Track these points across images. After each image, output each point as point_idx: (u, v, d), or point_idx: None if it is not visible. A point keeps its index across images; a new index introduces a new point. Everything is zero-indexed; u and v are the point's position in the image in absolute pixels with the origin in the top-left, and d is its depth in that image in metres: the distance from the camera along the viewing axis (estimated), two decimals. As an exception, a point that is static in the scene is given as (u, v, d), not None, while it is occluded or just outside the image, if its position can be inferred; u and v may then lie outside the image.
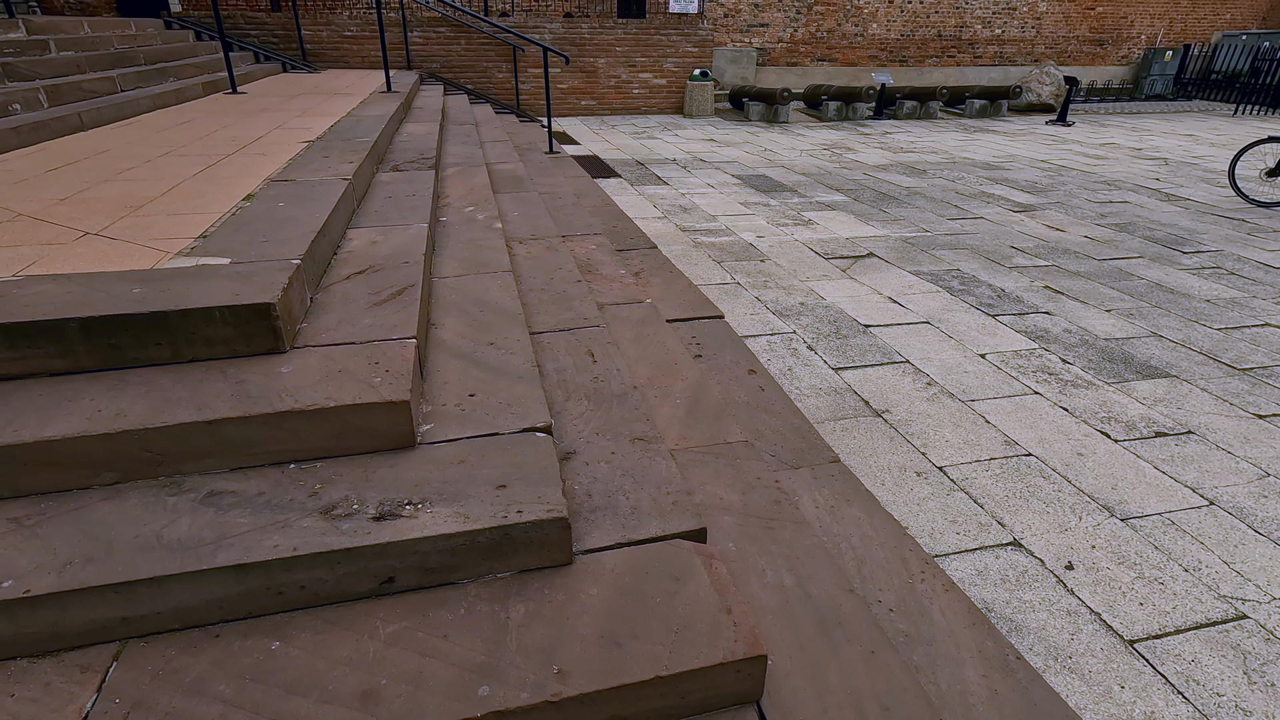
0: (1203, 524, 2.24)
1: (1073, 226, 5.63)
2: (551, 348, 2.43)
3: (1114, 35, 14.62)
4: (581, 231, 4.11)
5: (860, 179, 7.18)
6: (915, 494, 2.35)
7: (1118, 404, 2.96)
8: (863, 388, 3.04)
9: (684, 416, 2.30)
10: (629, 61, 11.18)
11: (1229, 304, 4.09)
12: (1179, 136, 10.35)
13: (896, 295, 4.10)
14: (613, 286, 3.31)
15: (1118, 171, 7.80)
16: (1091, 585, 1.98)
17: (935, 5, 13.36)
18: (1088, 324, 3.77)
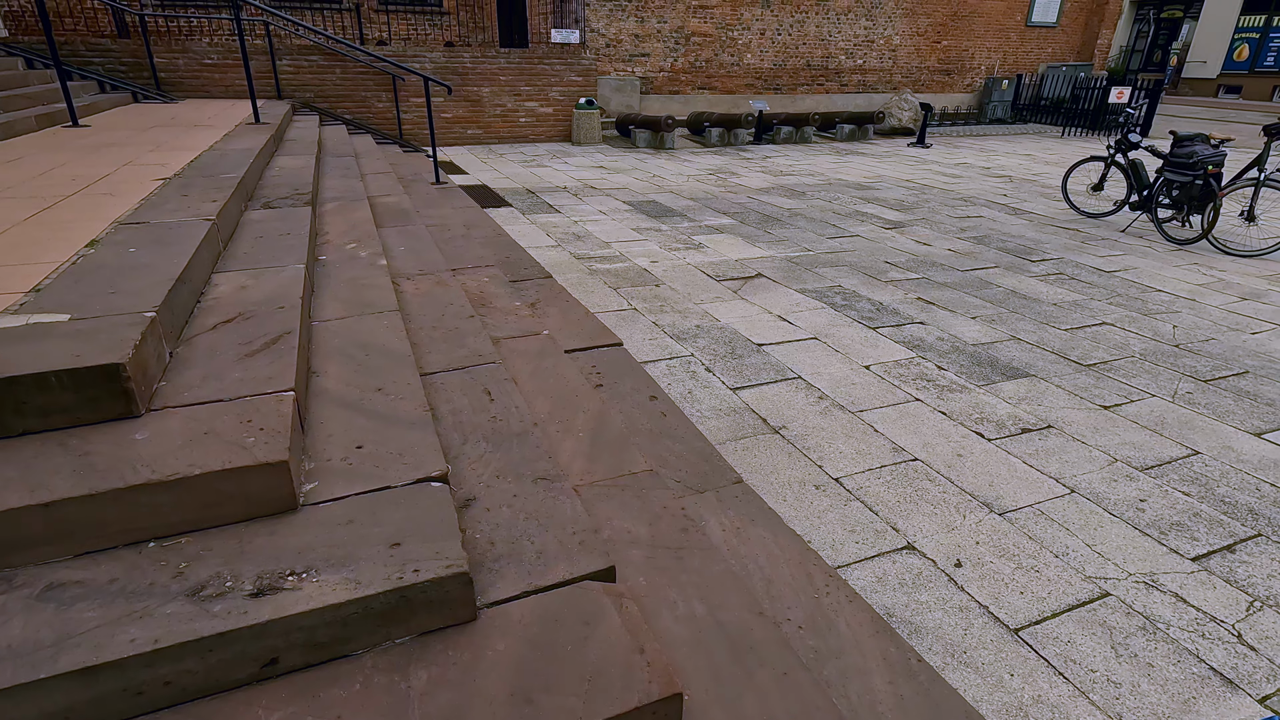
0: (1067, 511, 2.45)
1: (938, 241, 6.11)
2: (445, 389, 2.33)
3: (959, 66, 16.14)
4: (473, 264, 4.02)
5: (745, 202, 7.48)
6: (815, 507, 2.43)
7: (988, 405, 3.21)
8: (760, 406, 3.13)
9: (587, 450, 2.27)
10: (514, 90, 11.17)
11: (1072, 306, 4.56)
12: (1019, 156, 11.52)
13: (785, 313, 4.27)
14: (508, 320, 3.25)
15: (971, 189, 8.57)
16: (978, 580, 2.12)
17: (803, 38, 14.26)
18: (957, 331, 4.07)
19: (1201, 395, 3.36)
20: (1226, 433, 3.03)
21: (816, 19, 14.21)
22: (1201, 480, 2.67)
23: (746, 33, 13.67)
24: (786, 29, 14.01)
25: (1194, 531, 2.37)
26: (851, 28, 14.64)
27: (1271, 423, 3.12)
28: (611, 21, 12.36)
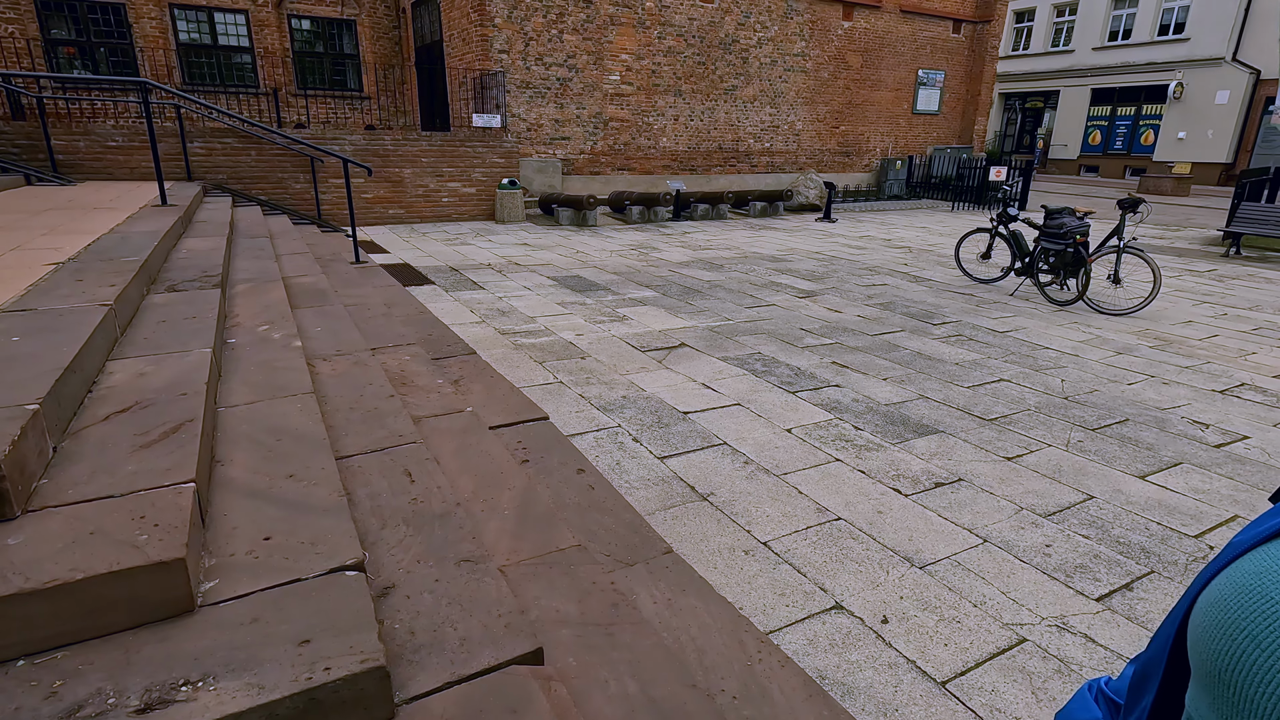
0: (981, 560, 2.56)
1: (848, 308, 6.47)
2: (363, 472, 2.25)
3: (856, 148, 17.54)
4: (394, 342, 3.95)
5: (667, 275, 7.73)
6: (745, 572, 2.44)
7: (903, 462, 3.35)
8: (688, 473, 3.15)
9: (514, 528, 2.22)
10: (436, 171, 11.32)
11: (972, 365, 4.88)
12: (916, 228, 12.47)
13: (709, 381, 4.38)
14: (430, 398, 3.19)
15: (875, 259, 9.17)
16: (904, 635, 2.16)
17: (714, 123, 15.21)
18: (870, 392, 4.27)
19: (1091, 443, 3.63)
20: (1115, 477, 3.26)
21: (726, 106, 15.23)
22: (1098, 523, 2.85)
23: (661, 118, 14.47)
24: (698, 115, 14.93)
25: (1096, 573, 2.51)
26: (758, 114, 15.75)
27: (1152, 465, 3.39)
28: (532, 108, 12.85)
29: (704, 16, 14.35)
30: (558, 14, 12.70)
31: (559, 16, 12.72)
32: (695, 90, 14.71)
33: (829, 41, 16.18)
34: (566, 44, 12.94)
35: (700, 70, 14.64)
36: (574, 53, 13.06)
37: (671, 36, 14.08)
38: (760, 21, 15.08)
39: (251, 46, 14.53)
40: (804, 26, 15.72)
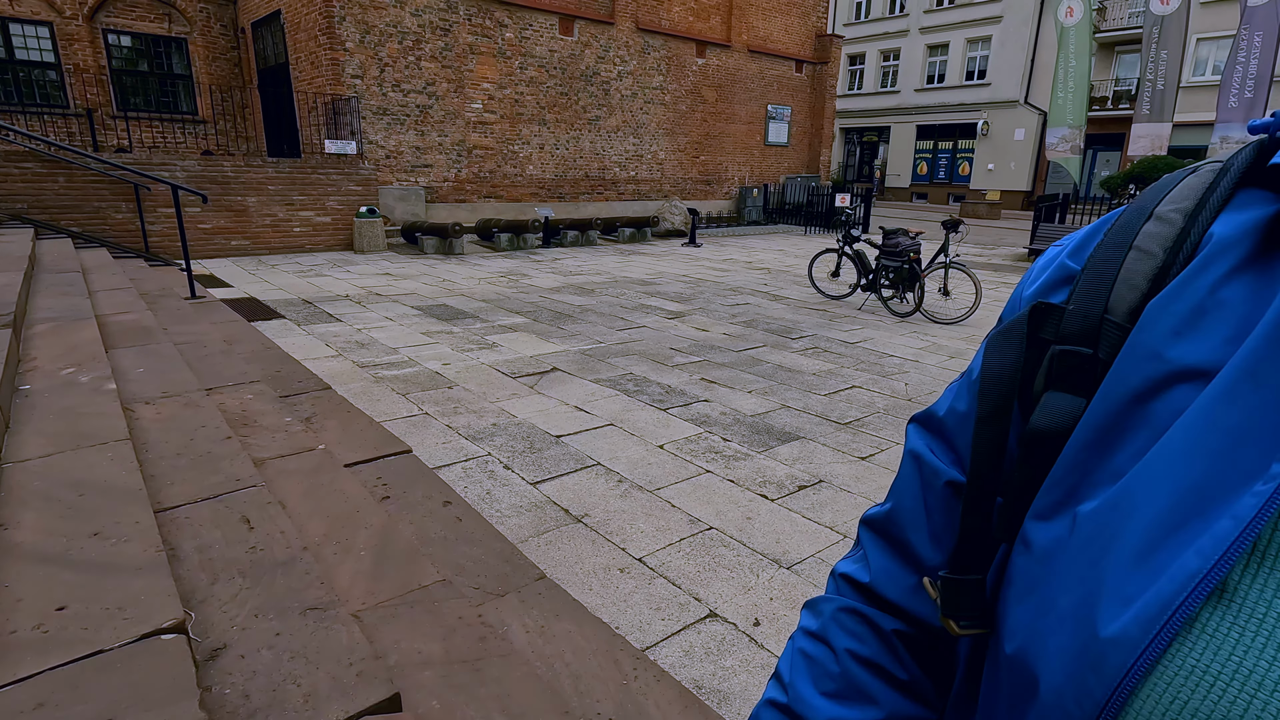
0: (843, 555, 2.70)
1: (714, 326, 6.71)
2: (192, 523, 2.01)
3: (716, 177, 18.46)
4: (234, 381, 3.61)
5: (538, 301, 7.67)
6: (621, 590, 2.42)
7: (769, 468, 3.49)
8: (561, 497, 3.10)
9: (370, 569, 2.07)
10: (286, 200, 10.60)
11: (827, 374, 5.21)
12: (774, 251, 13.25)
13: (582, 403, 4.36)
14: (276, 438, 2.93)
15: (738, 280, 9.62)
16: (776, 635, 2.22)
17: (579, 152, 15.43)
18: (737, 405, 4.44)
19: (931, 439, 3.96)
20: (953, 468, 3.58)
21: (590, 135, 15.51)
22: (940, 511, 3.10)
23: (526, 147, 14.48)
24: (564, 144, 15.09)
25: (940, 556, 2.72)
26: (622, 144, 16.18)
27: (983, 455, 3.76)
28: (390, 134, 12.42)
29: (564, 49, 14.61)
30: (414, 41, 12.43)
31: (416, 43, 12.45)
32: (559, 119, 14.88)
33: (685, 76, 16.99)
34: (425, 71, 12.67)
35: (563, 100, 14.84)
36: (433, 80, 12.81)
37: (533, 67, 14.19)
38: (619, 56, 15.58)
39: (58, 62, 13.01)
40: (661, 62, 16.41)
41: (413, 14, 12.33)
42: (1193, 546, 0.27)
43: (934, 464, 0.46)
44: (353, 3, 11.56)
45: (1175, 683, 0.26)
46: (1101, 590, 0.29)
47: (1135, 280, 0.35)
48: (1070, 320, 0.36)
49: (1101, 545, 0.30)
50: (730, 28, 17.60)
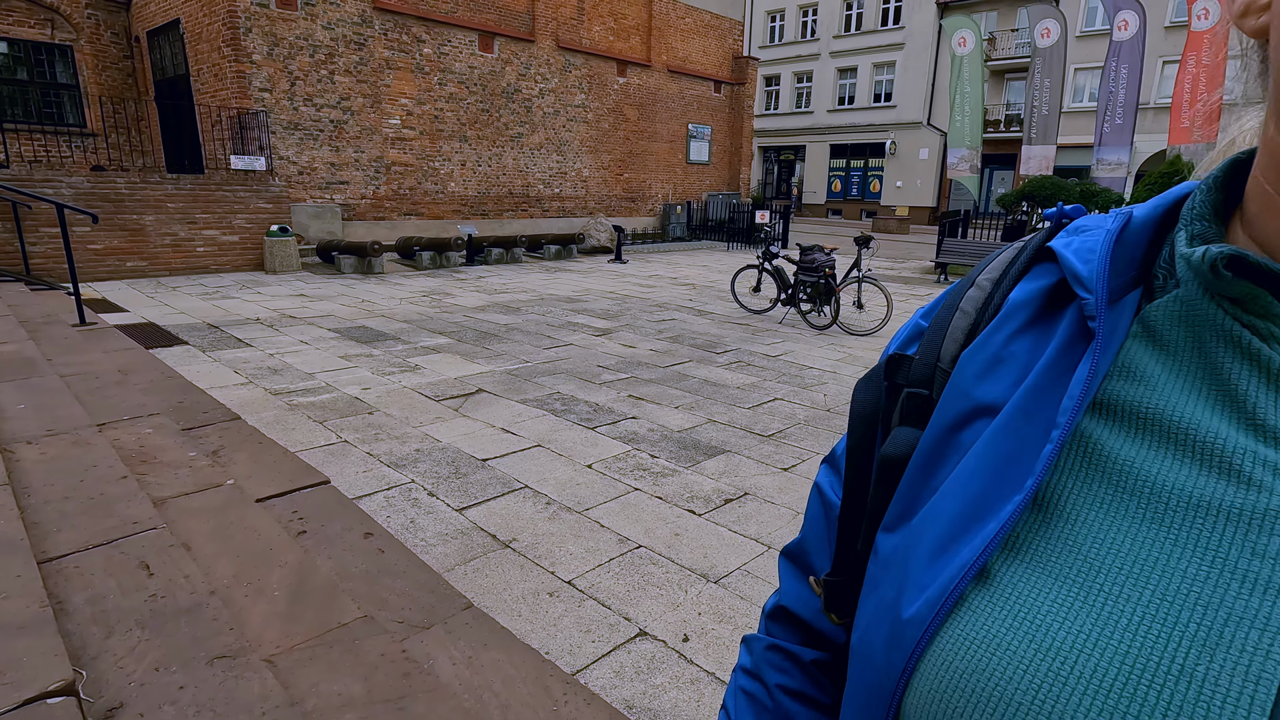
0: (768, 566, 2.77)
1: (641, 343, 6.78)
2: (82, 572, 1.88)
3: (640, 194, 18.70)
4: (130, 415, 3.38)
5: (462, 321, 7.54)
6: (550, 615, 2.41)
7: (696, 483, 3.55)
8: (488, 522, 3.05)
9: (285, 609, 1.98)
10: (188, 218, 10.03)
11: (751, 388, 5.35)
12: (698, 267, 13.52)
13: (509, 425, 4.31)
14: (179, 475, 2.76)
15: (664, 296, 9.76)
16: (705, 650, 2.26)
17: (502, 169, 15.31)
18: (664, 421, 4.49)
19: (849, 448, 4.13)
20: (869, 475, 3.74)
21: (513, 153, 15.43)
22: (858, 517, 3.24)
23: (448, 163, 14.25)
24: (486, 161, 14.95)
25: (859, 561, 2.84)
26: (545, 161, 16.17)
27: (897, 461, 3.94)
28: (303, 150, 11.97)
29: (485, 66, 14.51)
30: (327, 54, 12.06)
31: (329, 57, 12.09)
32: (481, 136, 14.74)
33: (607, 95, 17.18)
34: (339, 85, 12.30)
35: (485, 117, 14.71)
36: (348, 95, 12.45)
37: (453, 83, 14.02)
38: (541, 73, 15.60)
39: (-78, 69, 11.89)
40: (583, 80, 16.54)
41: (324, 27, 11.97)
42: (969, 544, 0.34)
43: (830, 497, 0.52)
44: (260, 14, 11.12)
45: (946, 649, 0.33)
46: (907, 583, 0.36)
47: (957, 335, 0.42)
48: (915, 368, 0.43)
49: (913, 549, 0.37)
50: (650, 48, 17.95)
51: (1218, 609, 0.28)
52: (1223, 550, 0.28)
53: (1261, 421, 0.30)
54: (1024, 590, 0.32)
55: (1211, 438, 0.30)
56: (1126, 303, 0.36)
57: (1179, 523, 0.30)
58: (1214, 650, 0.27)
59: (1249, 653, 0.26)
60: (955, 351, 0.42)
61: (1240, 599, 0.27)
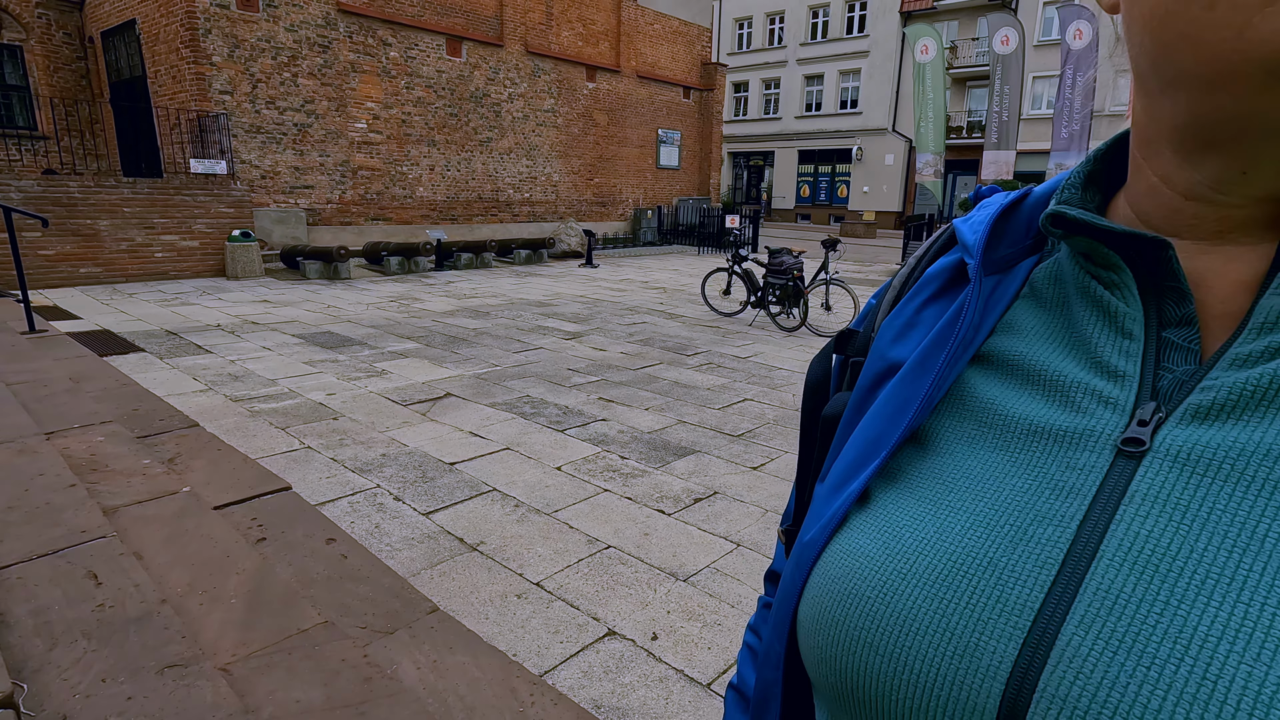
0: (736, 564, 2.78)
1: (611, 346, 6.77)
2: (25, 583, 1.81)
3: (611, 199, 18.71)
4: (81, 423, 3.27)
5: (430, 325, 7.46)
6: (518, 616, 2.38)
7: (665, 483, 3.55)
8: (456, 526, 3.01)
9: (242, 617, 1.93)
10: (145, 223, 9.76)
11: (721, 389, 5.37)
12: (669, 271, 13.56)
13: (477, 429, 4.27)
14: (132, 482, 2.68)
15: (635, 300, 9.77)
16: (673, 648, 2.25)
17: (472, 174, 15.20)
18: (634, 423, 4.49)
19: (818, 446, 4.17)
20: (837, 472, 3.78)
21: (483, 157, 15.33)
22: (826, 514, 3.27)
23: (416, 168, 14.11)
24: (455, 165, 14.82)
25: (827, 557, 2.86)
26: (515, 165, 16.10)
27: (864, 459, 3.99)
28: (265, 154, 11.74)
29: (453, 70, 14.41)
30: (290, 57, 11.86)
31: (292, 59, 11.89)
32: (450, 141, 14.62)
33: (577, 100, 17.18)
34: (303, 88, 12.10)
35: (453, 121, 14.60)
36: (312, 98, 12.26)
37: (420, 87, 13.90)
38: (509, 78, 15.54)
39: None
40: (552, 85, 16.52)
41: (287, 29, 11.78)
42: (859, 478, 0.39)
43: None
44: (220, 15, 10.90)
45: (825, 561, 0.38)
46: (814, 515, 0.41)
47: (886, 308, 0.48)
48: (857, 339, 0.48)
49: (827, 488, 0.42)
50: (619, 54, 18.00)
51: (1029, 512, 0.32)
52: (1045, 465, 0.33)
53: (1099, 359, 0.34)
54: (891, 509, 0.37)
55: (1058, 375, 0.35)
56: (1021, 268, 0.40)
57: (1019, 447, 0.34)
58: (1017, 544, 0.31)
59: (1044, 544, 0.31)
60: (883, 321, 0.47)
61: (1048, 503, 0.32)
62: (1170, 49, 0.28)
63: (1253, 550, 0.26)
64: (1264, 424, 0.28)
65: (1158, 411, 0.31)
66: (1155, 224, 0.34)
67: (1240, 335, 0.30)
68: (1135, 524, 0.29)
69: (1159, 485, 0.29)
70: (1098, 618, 0.28)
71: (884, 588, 0.34)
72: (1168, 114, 0.31)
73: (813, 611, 0.37)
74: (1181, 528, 0.28)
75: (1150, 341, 0.33)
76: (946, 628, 0.31)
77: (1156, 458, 0.30)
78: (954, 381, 0.38)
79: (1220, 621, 0.26)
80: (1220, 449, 0.29)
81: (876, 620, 0.33)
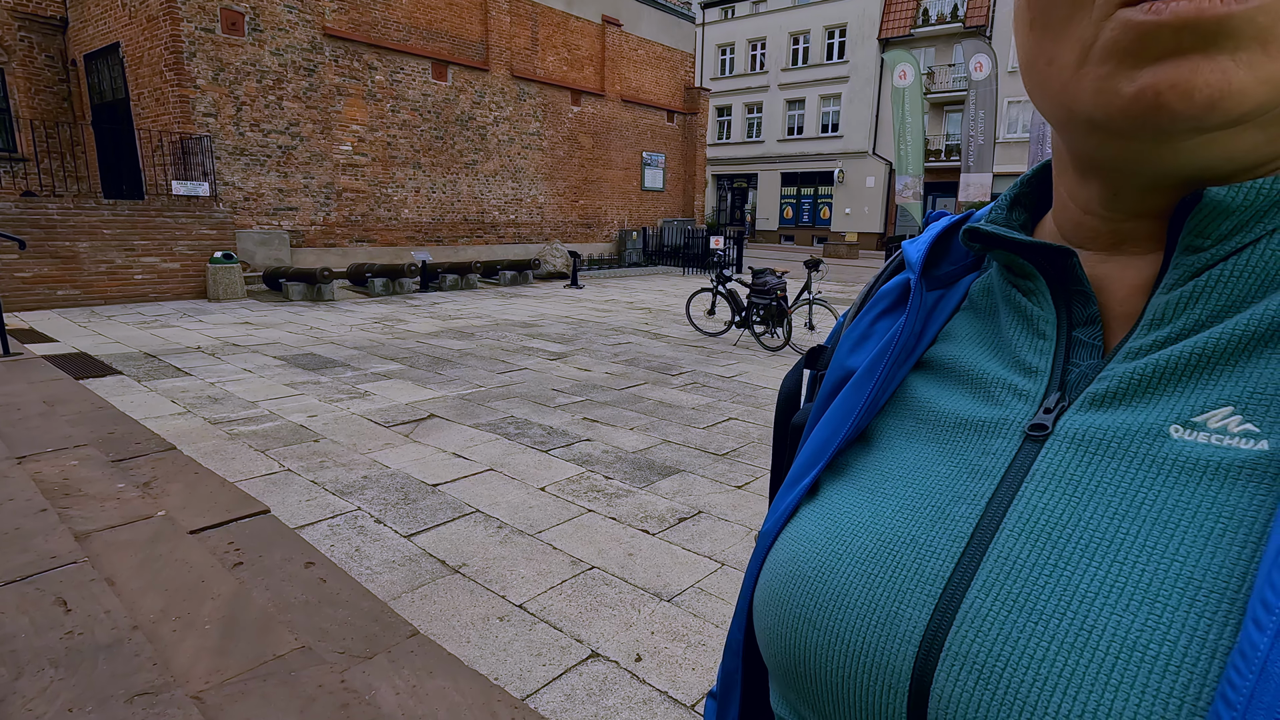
0: (720, 584, 2.77)
1: (596, 366, 6.77)
2: (-9, 611, 1.76)
3: (596, 220, 18.83)
4: (54, 447, 3.22)
5: (414, 346, 7.42)
6: (500, 639, 2.35)
7: (650, 503, 3.54)
8: (438, 548, 2.98)
9: (216, 643, 1.89)
10: (125, 245, 9.68)
11: (706, 408, 5.38)
12: (654, 291, 13.63)
13: (461, 450, 4.24)
14: (105, 507, 2.63)
15: (620, 320, 9.80)
16: (657, 669, 2.23)
17: (457, 195, 15.25)
18: (619, 443, 4.48)
19: (802, 464, 4.18)
20: (821, 490, 3.78)
21: (468, 179, 15.40)
22: (811, 532, 3.27)
23: (401, 190, 14.14)
24: (440, 187, 14.87)
25: (811, 575, 2.86)
26: (500, 188, 16.18)
27: (847, 477, 4.01)
28: (249, 176, 11.72)
29: (438, 94, 14.52)
30: (275, 80, 11.90)
31: (277, 83, 11.93)
32: (435, 163, 14.68)
33: (562, 123, 17.35)
34: (288, 111, 12.13)
35: (439, 144, 14.68)
36: (297, 120, 12.28)
37: (406, 110, 13.97)
38: (495, 102, 15.68)
39: None
40: (537, 108, 16.68)
41: (273, 53, 11.83)
42: (811, 474, 0.42)
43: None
44: (204, 39, 10.93)
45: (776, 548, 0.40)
46: (772, 511, 0.44)
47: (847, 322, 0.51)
48: (825, 354, 0.52)
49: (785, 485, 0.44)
50: (604, 78, 18.24)
51: (948, 493, 0.35)
52: (965, 452, 0.36)
53: (1018, 358, 0.37)
54: (835, 498, 0.40)
55: (982, 374, 0.38)
56: (963, 283, 0.44)
57: (946, 438, 0.38)
58: (934, 523, 0.34)
59: (957, 520, 0.34)
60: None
61: (964, 484, 0.35)
62: (1032, 94, 0.33)
63: (1130, 516, 0.29)
64: (1148, 407, 0.31)
65: (1061, 400, 0.34)
66: (1068, 237, 0.38)
67: (1134, 331, 0.33)
68: (1034, 499, 0.32)
69: (1057, 464, 0.32)
70: (997, 582, 0.31)
71: (822, 567, 0.36)
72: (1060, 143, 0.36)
73: (763, 595, 0.40)
74: (1074, 500, 0.31)
75: (1061, 341, 0.36)
76: (871, 600, 0.34)
77: (1057, 440, 0.33)
78: (899, 385, 0.42)
79: (1099, 579, 0.28)
80: (1109, 430, 0.32)
81: (815, 597, 0.36)
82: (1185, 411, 0.30)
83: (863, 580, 0.35)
